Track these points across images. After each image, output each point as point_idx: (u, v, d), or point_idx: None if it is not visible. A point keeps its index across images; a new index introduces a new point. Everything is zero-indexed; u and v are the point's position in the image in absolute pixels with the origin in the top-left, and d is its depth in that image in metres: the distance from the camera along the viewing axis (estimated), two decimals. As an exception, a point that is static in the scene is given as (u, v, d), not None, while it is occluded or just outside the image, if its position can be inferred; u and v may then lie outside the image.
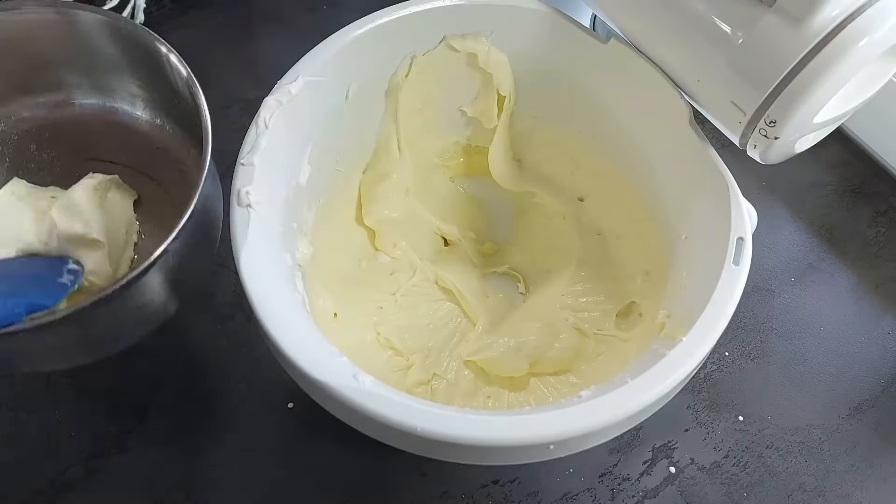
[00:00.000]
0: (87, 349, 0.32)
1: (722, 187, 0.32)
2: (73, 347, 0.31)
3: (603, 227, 0.42)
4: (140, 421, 0.38)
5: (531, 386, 0.38)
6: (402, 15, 0.36)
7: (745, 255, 0.30)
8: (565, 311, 0.41)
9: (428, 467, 0.38)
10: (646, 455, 0.39)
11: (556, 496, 0.37)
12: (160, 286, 0.30)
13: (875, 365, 0.43)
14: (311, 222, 0.36)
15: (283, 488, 0.37)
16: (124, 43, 0.35)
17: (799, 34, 0.27)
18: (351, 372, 0.26)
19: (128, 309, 0.30)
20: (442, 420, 0.25)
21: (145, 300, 0.30)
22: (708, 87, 0.32)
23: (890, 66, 0.31)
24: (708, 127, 0.34)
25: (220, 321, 0.41)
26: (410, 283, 0.42)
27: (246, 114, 0.45)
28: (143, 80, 0.37)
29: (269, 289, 0.28)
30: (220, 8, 0.55)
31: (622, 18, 0.35)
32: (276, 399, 0.39)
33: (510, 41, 0.38)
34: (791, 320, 0.44)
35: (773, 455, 0.40)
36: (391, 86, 0.38)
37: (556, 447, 0.26)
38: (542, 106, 0.41)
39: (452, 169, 0.45)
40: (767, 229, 0.47)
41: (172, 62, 0.33)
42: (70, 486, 0.36)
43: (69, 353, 0.32)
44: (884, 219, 0.49)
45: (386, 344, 0.39)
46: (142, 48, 0.34)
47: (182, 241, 0.29)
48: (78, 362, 0.33)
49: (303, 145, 0.34)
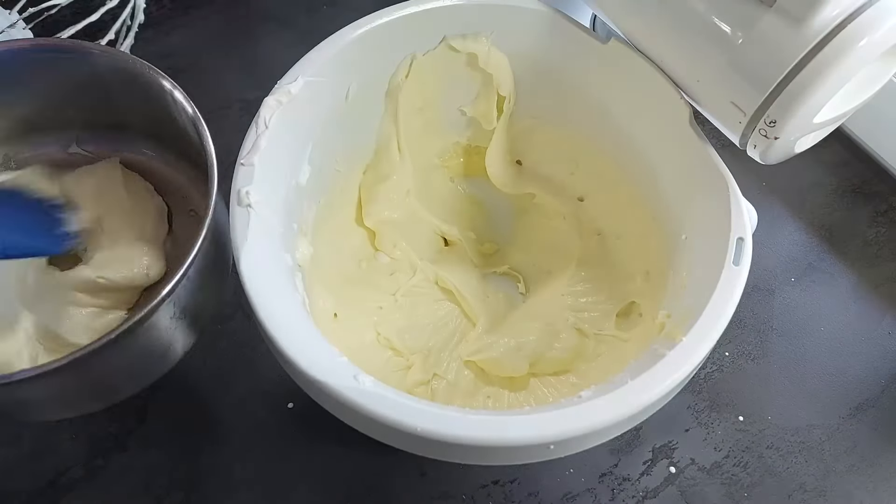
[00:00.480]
0: (95, 396, 0.31)
1: (722, 187, 0.32)
2: (79, 395, 0.30)
3: (603, 227, 0.42)
4: (140, 421, 0.38)
5: (531, 386, 0.38)
6: (402, 15, 0.36)
7: (745, 255, 0.30)
8: (565, 311, 0.41)
9: (428, 467, 0.38)
10: (646, 455, 0.39)
11: (556, 496, 0.37)
12: (170, 325, 0.30)
13: (875, 365, 0.43)
14: (311, 222, 0.36)
15: (283, 488, 0.37)
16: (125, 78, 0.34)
17: (799, 34, 0.27)
18: (351, 372, 0.26)
19: (136, 351, 0.29)
20: (442, 420, 0.25)
21: (155, 340, 0.30)
22: (708, 87, 0.32)
23: (890, 66, 0.31)
24: (708, 127, 0.33)
25: (220, 321, 0.41)
26: (410, 283, 0.42)
27: (246, 114, 0.45)
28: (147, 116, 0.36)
29: (269, 289, 0.28)
30: (220, 8, 0.55)
31: (622, 18, 0.35)
32: (276, 399, 0.39)
33: (510, 41, 0.38)
34: (791, 320, 0.44)
35: (773, 455, 0.40)
36: (391, 86, 0.38)
37: (556, 447, 0.26)
38: (542, 106, 0.41)
39: (452, 169, 0.45)
40: (767, 229, 0.47)
41: (178, 99, 0.32)
42: (70, 486, 0.36)
43: (77, 400, 0.31)
44: (884, 219, 0.49)
45: (386, 344, 0.39)
46: (145, 84, 0.33)
47: (191, 278, 0.28)
48: (87, 410, 0.32)
49: (303, 145, 0.34)
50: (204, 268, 0.30)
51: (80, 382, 0.29)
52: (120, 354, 0.27)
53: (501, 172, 0.43)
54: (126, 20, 0.52)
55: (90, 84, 0.34)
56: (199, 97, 0.32)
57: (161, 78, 0.32)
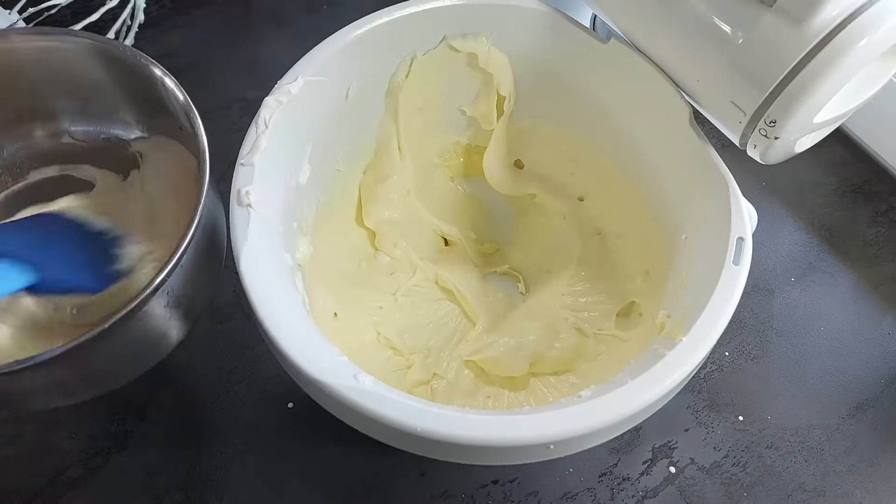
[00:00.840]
0: (90, 384, 0.31)
1: (722, 187, 0.32)
2: (76, 383, 0.30)
3: (603, 227, 0.42)
4: (140, 421, 0.38)
5: (531, 386, 0.38)
6: (402, 15, 0.36)
7: (745, 255, 0.30)
8: (565, 310, 0.41)
9: (428, 467, 0.38)
10: (646, 455, 0.39)
11: (556, 496, 0.37)
12: (164, 314, 0.30)
13: (875, 365, 0.43)
14: (311, 222, 0.36)
15: (283, 488, 0.37)
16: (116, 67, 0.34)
17: (799, 34, 0.27)
18: (351, 372, 0.26)
19: (131, 340, 0.29)
20: (442, 420, 0.25)
21: (149, 329, 0.30)
22: (708, 87, 0.32)
23: (890, 66, 0.31)
24: (708, 127, 0.33)
25: (220, 321, 0.41)
26: (410, 283, 0.42)
27: (246, 114, 0.45)
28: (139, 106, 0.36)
29: (269, 289, 0.28)
30: (220, 8, 0.55)
31: (622, 18, 0.35)
32: (276, 399, 0.39)
33: (510, 41, 0.38)
34: (791, 320, 0.44)
35: (773, 455, 0.40)
36: (391, 86, 0.38)
37: (556, 447, 0.26)
38: (542, 106, 0.41)
39: (453, 169, 0.45)
40: (767, 229, 0.47)
41: (168, 86, 0.32)
42: (70, 486, 0.36)
43: (73, 389, 0.31)
44: (884, 219, 0.49)
45: (386, 344, 0.39)
46: (134, 72, 0.33)
47: (185, 266, 0.28)
48: (83, 397, 0.32)
49: (303, 145, 0.34)
50: (196, 257, 0.30)
51: (76, 371, 0.29)
52: (114, 343, 0.28)
53: (499, 175, 0.43)
54: (126, 20, 0.52)
55: (80, 72, 0.34)
56: (200, 97, 0.32)
57: (152, 66, 0.32)
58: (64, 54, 0.33)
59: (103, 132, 0.38)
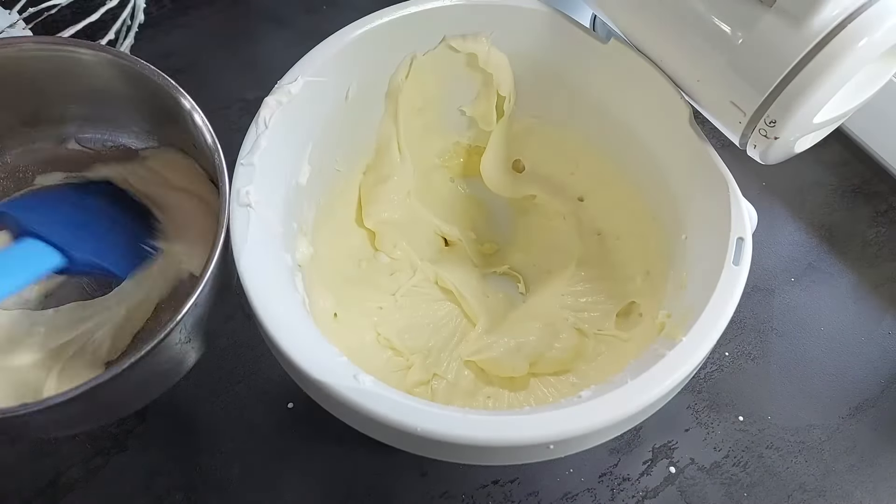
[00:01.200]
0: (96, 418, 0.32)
1: (722, 187, 0.32)
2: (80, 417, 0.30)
3: (603, 227, 0.42)
4: (140, 421, 0.38)
5: (531, 386, 0.38)
6: (402, 15, 0.36)
7: (745, 255, 0.30)
8: (565, 311, 0.41)
9: (428, 467, 0.38)
10: (646, 455, 0.39)
11: (556, 496, 0.37)
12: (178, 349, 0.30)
13: (875, 365, 0.43)
14: (311, 222, 0.36)
15: (283, 488, 0.37)
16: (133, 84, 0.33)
17: (799, 34, 0.27)
18: (351, 372, 0.26)
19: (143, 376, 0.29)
20: (442, 420, 0.25)
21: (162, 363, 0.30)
22: (708, 87, 0.32)
23: (890, 66, 0.31)
24: (708, 127, 0.34)
25: (220, 321, 0.41)
26: (410, 283, 0.42)
27: (246, 114, 0.45)
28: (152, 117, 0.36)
29: (269, 289, 0.28)
30: (220, 8, 0.55)
31: (622, 18, 0.35)
32: (276, 399, 0.39)
33: (510, 41, 0.38)
34: (791, 320, 0.44)
35: (773, 455, 0.40)
36: (391, 86, 0.38)
37: (556, 447, 0.26)
38: (542, 106, 0.41)
39: (453, 169, 0.45)
40: (767, 229, 0.47)
41: (196, 122, 0.31)
42: (70, 486, 0.36)
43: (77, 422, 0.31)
44: (884, 219, 0.49)
45: (386, 344, 0.39)
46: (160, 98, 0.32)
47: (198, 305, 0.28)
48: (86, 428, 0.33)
49: (303, 145, 0.34)
50: (213, 289, 0.30)
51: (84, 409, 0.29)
52: (127, 380, 0.27)
53: (497, 178, 0.43)
54: (126, 20, 0.52)
55: (87, 81, 0.34)
56: (200, 97, 0.32)
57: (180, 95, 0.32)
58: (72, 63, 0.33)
59: (110, 140, 0.38)
